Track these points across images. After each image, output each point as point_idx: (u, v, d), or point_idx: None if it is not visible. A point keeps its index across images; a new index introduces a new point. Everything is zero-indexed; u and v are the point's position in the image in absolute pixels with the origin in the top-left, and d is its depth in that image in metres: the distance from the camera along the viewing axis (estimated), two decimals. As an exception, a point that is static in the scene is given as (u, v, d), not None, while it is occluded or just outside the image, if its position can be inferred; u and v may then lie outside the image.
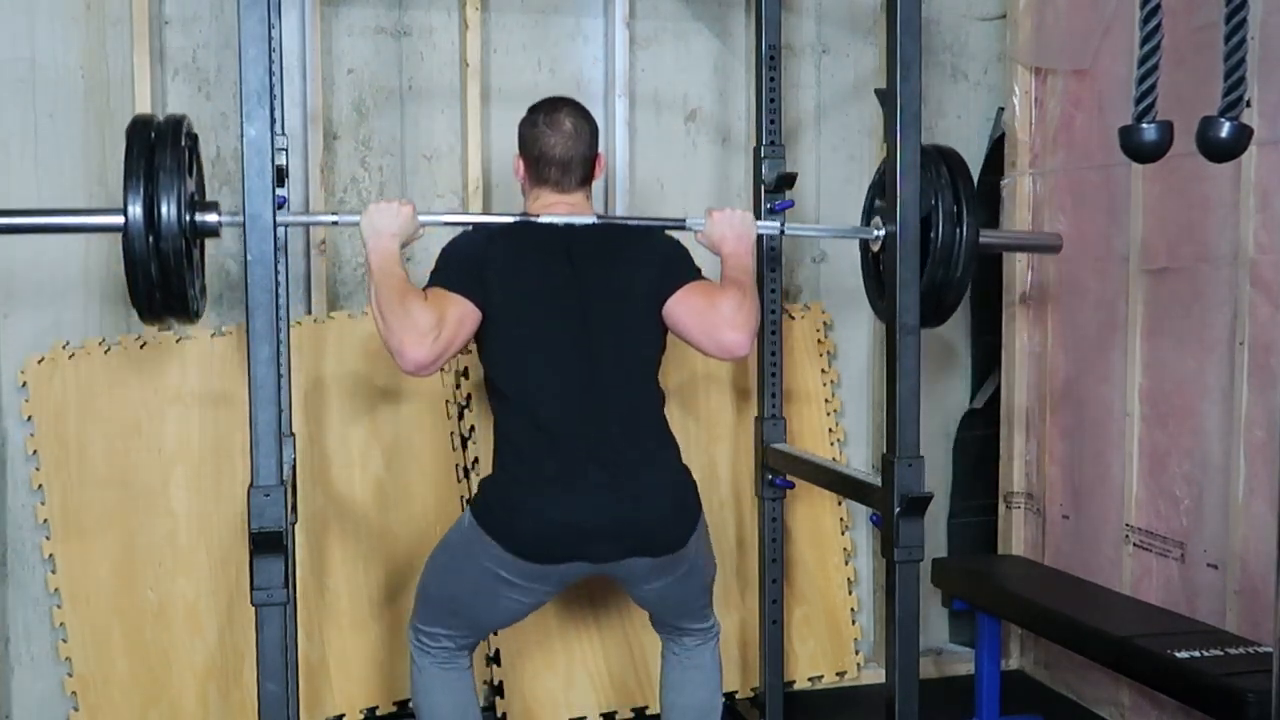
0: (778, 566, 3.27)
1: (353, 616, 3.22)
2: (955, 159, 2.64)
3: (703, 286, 2.46)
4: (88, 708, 3.09)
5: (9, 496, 3.15)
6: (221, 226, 2.30)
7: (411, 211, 2.36)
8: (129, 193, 2.15)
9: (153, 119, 2.27)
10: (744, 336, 2.39)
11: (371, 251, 2.32)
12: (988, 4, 3.76)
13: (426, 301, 2.28)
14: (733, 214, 2.55)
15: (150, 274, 2.18)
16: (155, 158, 2.17)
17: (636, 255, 2.48)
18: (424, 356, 2.23)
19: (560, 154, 2.48)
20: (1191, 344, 3.01)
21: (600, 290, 2.42)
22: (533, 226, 2.46)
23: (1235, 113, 1.94)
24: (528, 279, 2.39)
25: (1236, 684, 2.38)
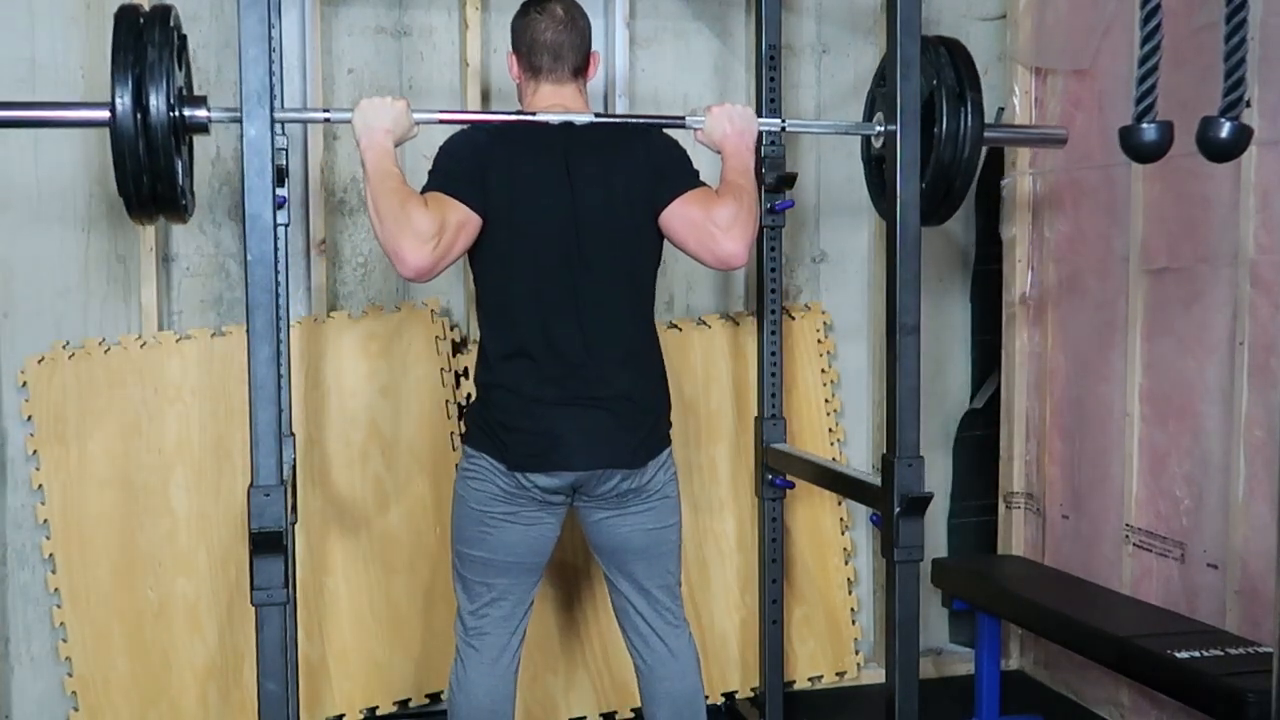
0: (778, 566, 3.27)
1: (353, 616, 3.22)
2: (958, 48, 2.60)
3: (699, 195, 2.42)
4: (88, 708, 3.09)
5: (9, 496, 3.15)
6: (211, 122, 2.26)
7: (405, 107, 2.34)
8: (116, 84, 2.10)
9: (139, 7, 2.23)
10: (740, 247, 2.37)
11: (365, 149, 2.29)
12: (988, 4, 3.76)
13: (427, 206, 2.25)
14: (733, 109, 2.51)
15: (139, 167, 2.15)
16: (142, 48, 2.13)
17: (633, 160, 2.43)
18: (423, 262, 2.22)
19: (552, 38, 2.45)
20: (1191, 344, 3.01)
21: (595, 198, 2.39)
22: (530, 127, 2.42)
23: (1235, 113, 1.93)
24: (525, 185, 2.37)
25: (1236, 684, 2.38)
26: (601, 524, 2.51)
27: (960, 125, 2.55)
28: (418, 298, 3.36)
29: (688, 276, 3.58)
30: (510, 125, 2.44)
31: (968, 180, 2.60)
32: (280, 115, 2.36)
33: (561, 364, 2.39)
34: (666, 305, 3.57)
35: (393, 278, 3.38)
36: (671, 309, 3.57)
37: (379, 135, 2.30)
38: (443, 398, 3.29)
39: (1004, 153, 3.67)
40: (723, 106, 2.52)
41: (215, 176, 3.25)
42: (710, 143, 2.53)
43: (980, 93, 2.58)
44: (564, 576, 3.32)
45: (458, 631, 2.53)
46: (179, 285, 3.25)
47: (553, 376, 2.39)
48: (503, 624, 2.50)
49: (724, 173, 2.48)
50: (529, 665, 3.26)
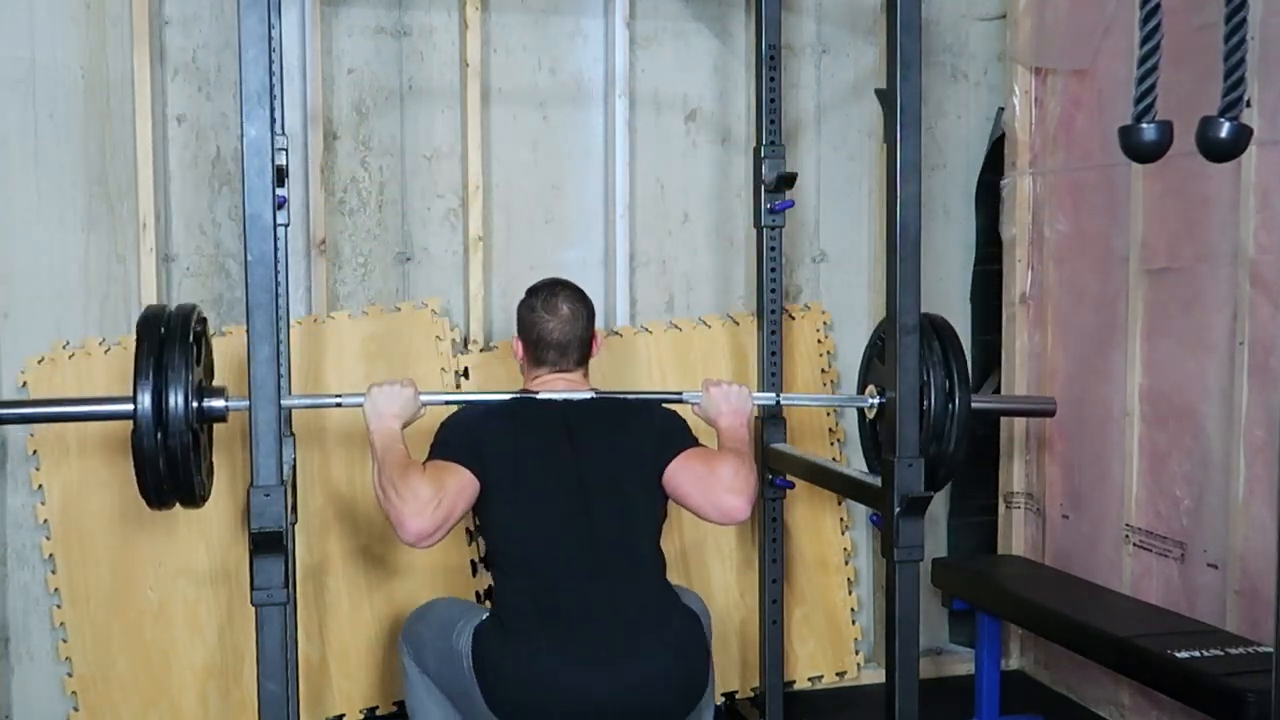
0: (778, 566, 3.27)
1: (353, 616, 3.22)
2: (946, 330, 2.66)
3: (701, 453, 2.48)
4: (88, 708, 3.09)
5: (9, 496, 3.15)
6: (229, 412, 2.33)
7: (413, 394, 2.43)
8: (138, 385, 2.19)
9: (163, 310, 2.31)
10: (743, 501, 2.41)
11: (374, 432, 2.38)
12: (988, 4, 3.76)
13: (426, 474, 2.31)
14: (729, 389, 2.59)
15: (158, 466, 2.22)
16: (164, 351, 2.22)
17: (635, 428, 2.50)
18: (425, 527, 2.26)
19: (558, 337, 2.54)
20: (1191, 344, 3.01)
21: (599, 462, 2.44)
22: (531, 402, 2.50)
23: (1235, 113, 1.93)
24: (525, 452, 2.42)
25: (1236, 684, 2.38)
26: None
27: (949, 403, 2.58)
28: (418, 297, 3.37)
29: (687, 276, 3.58)
30: (511, 403, 2.52)
31: (958, 456, 2.62)
32: (287, 402, 2.49)
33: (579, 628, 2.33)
34: (667, 305, 3.57)
35: (393, 278, 3.38)
36: (671, 309, 3.57)
37: (388, 420, 2.40)
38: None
39: (1004, 152, 3.67)
40: (719, 386, 2.60)
41: (215, 176, 3.25)
42: (707, 418, 2.61)
43: (966, 369, 2.63)
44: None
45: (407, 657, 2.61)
46: (179, 285, 3.25)
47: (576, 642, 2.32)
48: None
49: (722, 442, 2.54)
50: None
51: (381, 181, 3.39)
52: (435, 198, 3.42)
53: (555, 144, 3.49)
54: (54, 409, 2.62)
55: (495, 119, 3.42)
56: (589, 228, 3.52)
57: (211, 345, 2.48)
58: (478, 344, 3.35)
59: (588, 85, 3.50)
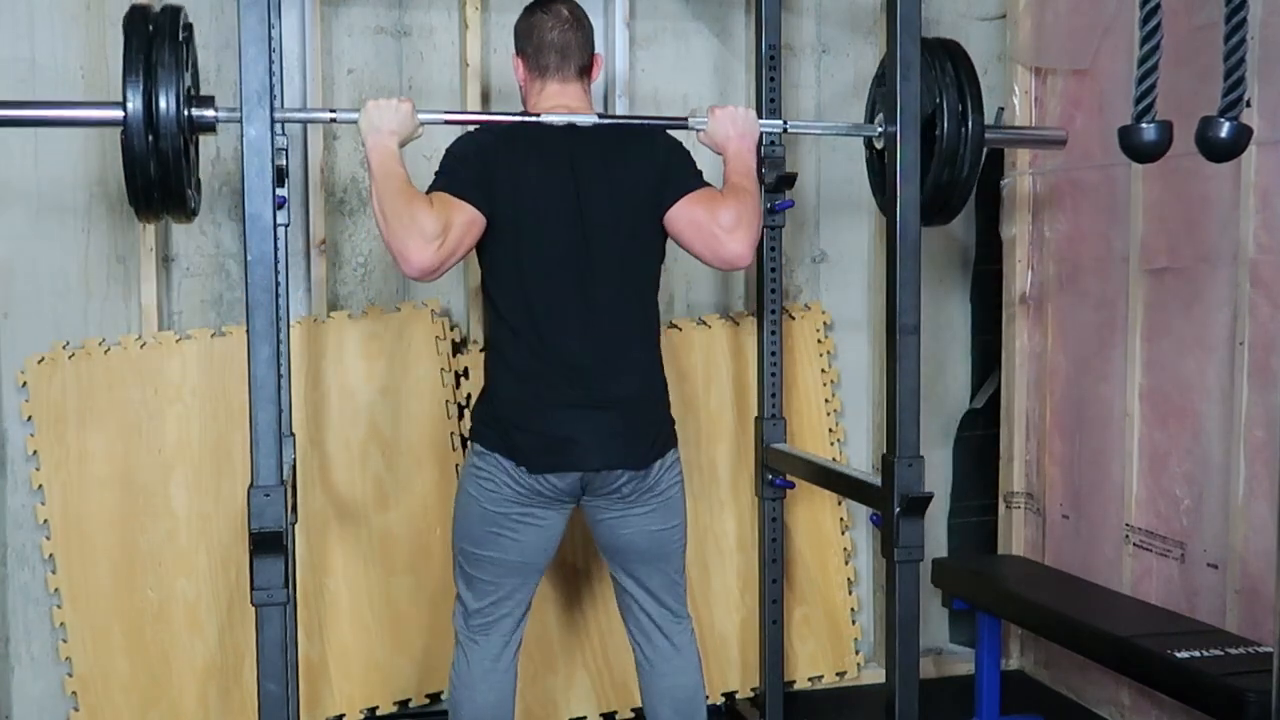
0: (778, 566, 3.27)
1: (353, 616, 3.22)
2: (959, 53, 2.61)
3: (704, 196, 2.43)
4: (88, 708, 3.09)
5: (9, 496, 3.15)
6: (218, 122, 2.28)
7: (411, 108, 2.36)
8: (128, 84, 2.13)
9: (149, 9, 2.25)
10: (744, 248, 2.39)
11: (371, 150, 2.32)
12: (988, 4, 3.76)
13: (432, 206, 2.26)
14: (735, 111, 2.54)
15: (149, 169, 2.17)
16: (153, 49, 2.15)
17: (638, 161, 2.45)
18: (428, 262, 2.23)
19: (559, 37, 2.48)
20: (1191, 344, 3.01)
21: (601, 199, 2.41)
22: (535, 128, 2.44)
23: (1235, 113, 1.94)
24: (531, 187, 2.38)
25: (1236, 684, 2.38)
26: (607, 523, 2.52)
27: (961, 127, 2.56)
28: (418, 298, 3.36)
29: (687, 276, 3.58)
30: (515, 127, 2.46)
31: (970, 181, 2.61)
32: (281, 115, 2.37)
33: (570, 365, 2.40)
34: (666, 305, 3.57)
35: (393, 278, 3.38)
36: (671, 309, 3.57)
37: (384, 136, 2.32)
38: (443, 398, 3.29)
39: (1004, 152, 3.67)
40: (725, 108, 2.54)
41: (215, 176, 3.25)
42: (712, 144, 2.55)
43: (980, 95, 2.59)
44: (564, 576, 3.32)
45: (459, 627, 2.54)
46: (179, 285, 3.25)
47: (562, 377, 2.40)
48: (507, 620, 2.52)
49: (727, 174, 2.49)
50: (529, 665, 3.26)
51: (381, 181, 3.38)
52: (435, 198, 3.42)
53: (555, 144, 3.49)
54: (39, 112, 2.48)
55: (495, 119, 3.41)
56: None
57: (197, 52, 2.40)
58: (477, 344, 3.35)
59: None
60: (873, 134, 2.65)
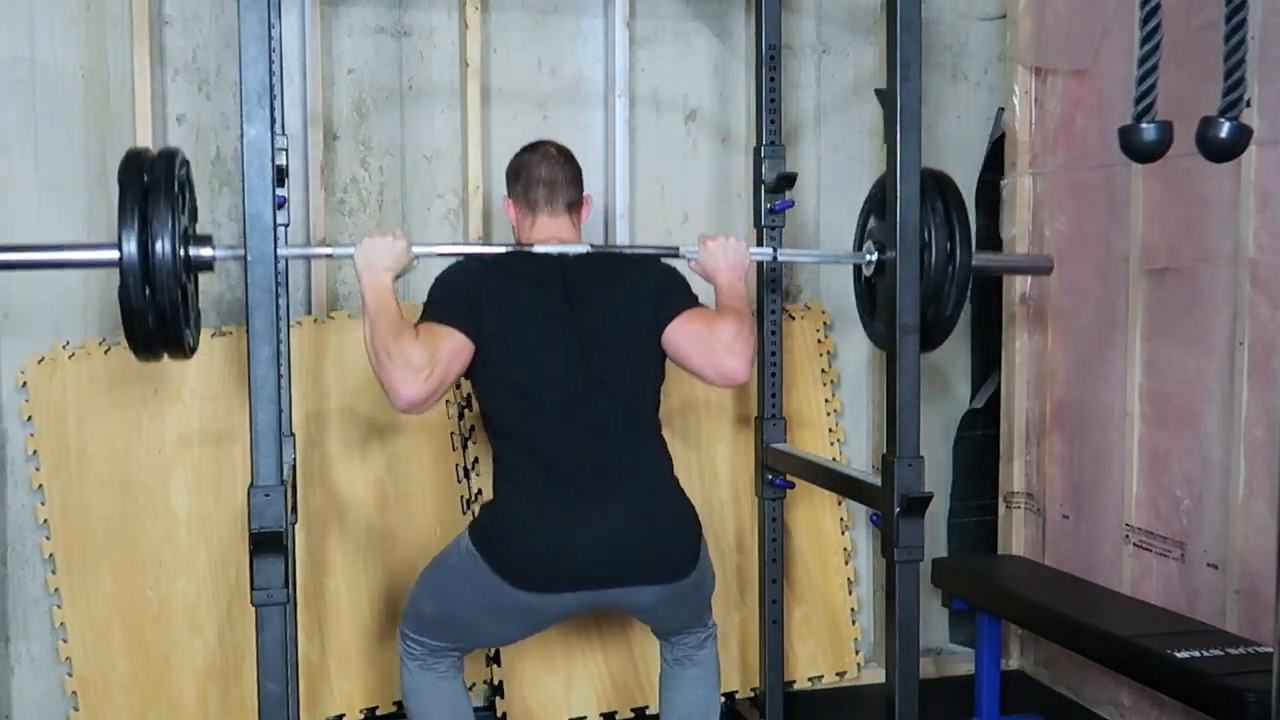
0: (778, 566, 3.27)
1: (353, 616, 3.22)
2: (948, 185, 2.61)
3: (700, 313, 2.46)
4: (88, 708, 3.09)
5: (9, 496, 3.15)
6: (216, 260, 2.29)
7: (406, 245, 2.37)
8: (123, 230, 2.13)
9: (145, 153, 2.25)
10: (743, 363, 2.40)
11: (366, 286, 2.33)
12: (988, 4, 3.76)
13: (419, 338, 2.27)
14: (726, 242, 2.55)
15: (146, 319, 2.17)
16: (149, 194, 2.15)
17: (633, 283, 2.48)
18: (416, 394, 2.23)
19: (546, 173, 2.53)
20: (1191, 344, 3.01)
21: (597, 319, 2.41)
22: (526, 256, 2.47)
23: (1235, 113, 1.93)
24: (522, 309, 2.39)
25: (1236, 684, 2.37)
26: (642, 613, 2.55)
27: (949, 265, 2.55)
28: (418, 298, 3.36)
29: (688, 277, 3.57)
30: (507, 255, 2.48)
31: (954, 317, 2.61)
32: (284, 251, 2.41)
33: (580, 482, 2.35)
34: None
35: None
36: (671, 309, 3.57)
37: (379, 273, 2.34)
38: (443, 398, 3.28)
39: (1004, 152, 3.67)
40: (716, 239, 2.56)
41: (215, 176, 3.25)
42: (703, 273, 2.58)
43: (969, 229, 2.58)
44: (564, 576, 3.31)
45: (404, 648, 2.56)
46: (179, 285, 3.25)
47: (572, 495, 2.35)
48: (454, 653, 2.55)
49: (719, 300, 2.52)
50: (529, 665, 3.26)
51: (381, 181, 3.39)
52: (435, 198, 3.42)
53: (555, 144, 3.49)
54: (35, 255, 2.46)
55: (495, 119, 3.42)
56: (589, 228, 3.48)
57: (195, 191, 2.40)
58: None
59: (588, 85, 3.50)
60: (862, 261, 2.67)
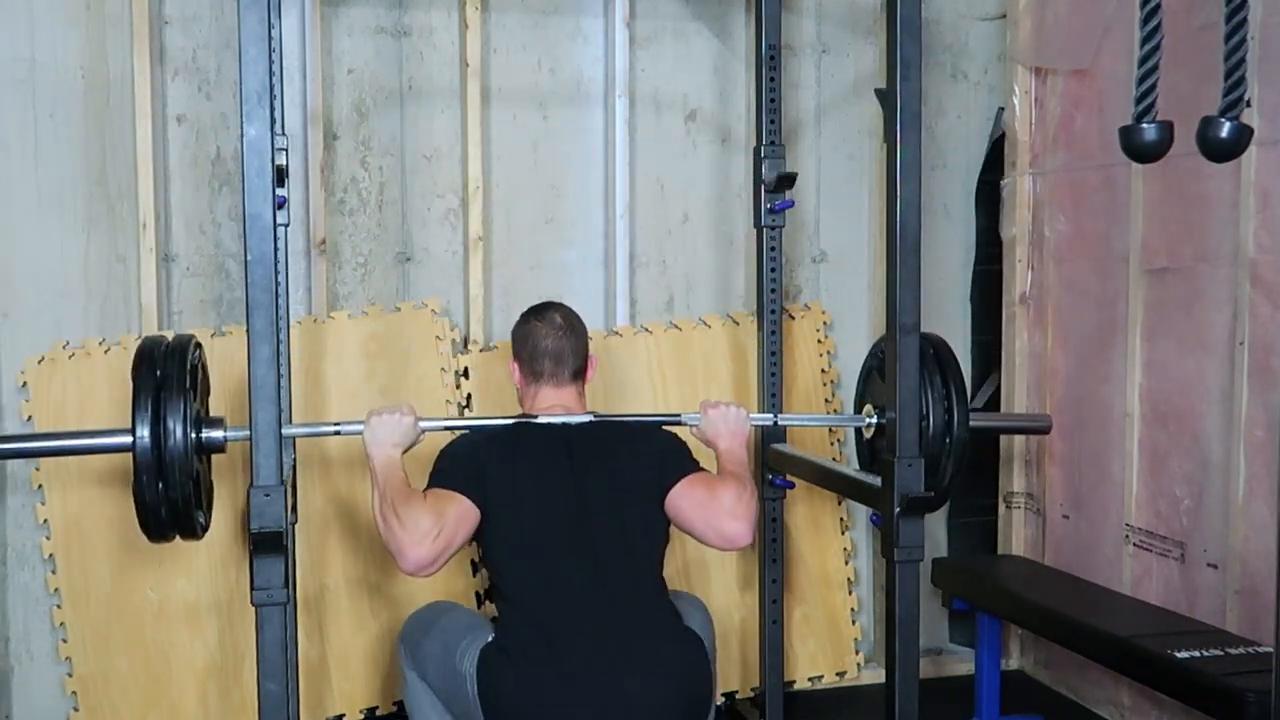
0: (778, 566, 3.27)
1: (353, 616, 3.22)
2: (944, 351, 2.65)
3: (703, 478, 2.48)
4: (88, 708, 3.09)
5: (9, 497, 3.15)
6: (227, 443, 2.31)
7: (413, 421, 2.41)
8: (137, 417, 2.17)
9: (159, 345, 2.27)
10: (745, 527, 2.40)
11: (374, 460, 2.36)
12: (988, 4, 3.76)
13: (426, 503, 2.29)
14: (727, 410, 2.58)
15: (158, 506, 2.20)
16: (161, 383, 2.19)
17: (636, 450, 2.50)
18: (424, 556, 2.25)
19: (553, 345, 2.55)
20: (1191, 344, 3.01)
21: (601, 485, 2.44)
22: (531, 426, 2.49)
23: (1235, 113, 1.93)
24: (526, 478, 2.41)
25: (1236, 684, 2.38)
26: None
27: (946, 437, 2.57)
28: (418, 297, 3.37)
29: (687, 276, 3.58)
30: (511, 427, 2.51)
31: (950, 489, 2.63)
32: (290, 431, 2.46)
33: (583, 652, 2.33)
34: (666, 305, 3.57)
35: (393, 278, 3.38)
36: (671, 309, 3.57)
37: (387, 449, 2.38)
38: (443, 397, 3.29)
39: (1004, 152, 3.67)
40: (716, 408, 2.59)
41: (215, 176, 3.25)
42: (704, 440, 2.60)
43: (964, 386, 2.61)
44: (564, 576, 3.31)
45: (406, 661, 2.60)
46: (179, 285, 3.25)
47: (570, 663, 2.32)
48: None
49: (721, 464, 2.53)
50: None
51: (381, 181, 3.39)
52: (435, 198, 3.42)
53: (555, 144, 3.49)
54: (53, 443, 2.57)
55: (495, 119, 3.42)
56: (589, 228, 3.52)
57: (208, 371, 2.45)
58: (478, 344, 3.35)
59: (588, 85, 3.50)
60: (862, 424, 2.69)
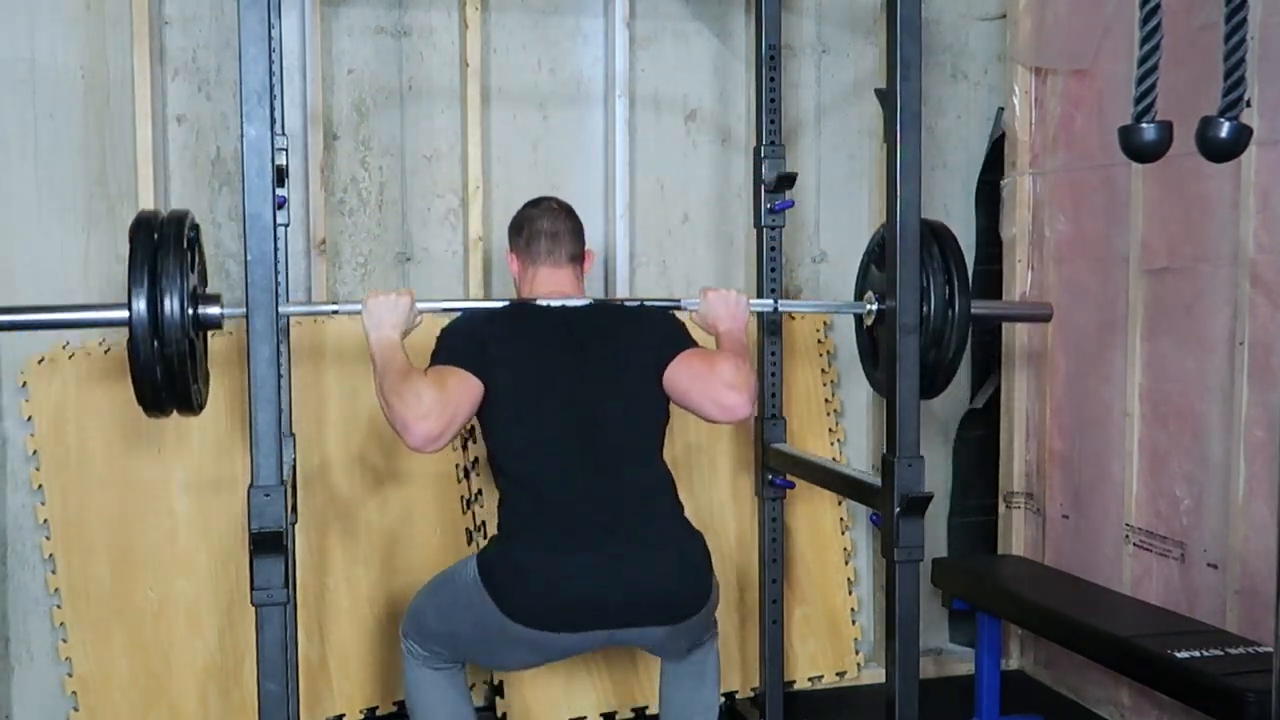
0: (778, 566, 3.27)
1: (353, 616, 3.22)
2: (946, 235, 2.64)
3: (700, 353, 2.49)
4: (88, 708, 3.09)
5: (9, 496, 3.15)
6: (224, 319, 2.30)
7: (410, 301, 2.41)
8: (133, 289, 2.15)
9: (155, 216, 2.27)
10: (744, 398, 2.40)
11: (374, 343, 2.36)
12: (988, 4, 3.76)
13: (429, 378, 2.29)
14: (727, 295, 2.58)
15: (155, 374, 2.19)
16: (158, 261, 2.17)
17: (634, 328, 2.51)
18: (430, 430, 2.24)
19: (548, 225, 2.57)
20: (1191, 344, 3.01)
21: (601, 363, 2.44)
22: (531, 307, 2.50)
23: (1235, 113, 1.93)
24: (527, 354, 2.42)
25: (1236, 684, 2.38)
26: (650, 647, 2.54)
27: (949, 309, 2.57)
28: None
29: (687, 276, 3.58)
30: (510, 308, 2.52)
31: (956, 362, 2.62)
32: (286, 309, 2.42)
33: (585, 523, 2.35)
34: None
35: (393, 277, 3.38)
36: (671, 309, 3.57)
37: (386, 330, 2.37)
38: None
39: (1004, 152, 3.67)
40: (717, 292, 2.60)
41: (215, 176, 3.25)
42: (704, 324, 2.61)
43: (967, 277, 2.60)
44: (564, 576, 3.32)
45: (407, 647, 2.56)
46: (179, 285, 3.25)
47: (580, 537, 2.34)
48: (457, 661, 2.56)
49: (721, 345, 2.54)
50: (529, 665, 3.26)
51: (381, 181, 3.39)
52: (435, 198, 3.42)
53: (555, 144, 3.49)
54: (46, 315, 2.51)
55: (495, 119, 3.42)
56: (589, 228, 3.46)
57: (204, 252, 2.42)
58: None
59: (588, 85, 3.50)
60: (862, 310, 2.69)
